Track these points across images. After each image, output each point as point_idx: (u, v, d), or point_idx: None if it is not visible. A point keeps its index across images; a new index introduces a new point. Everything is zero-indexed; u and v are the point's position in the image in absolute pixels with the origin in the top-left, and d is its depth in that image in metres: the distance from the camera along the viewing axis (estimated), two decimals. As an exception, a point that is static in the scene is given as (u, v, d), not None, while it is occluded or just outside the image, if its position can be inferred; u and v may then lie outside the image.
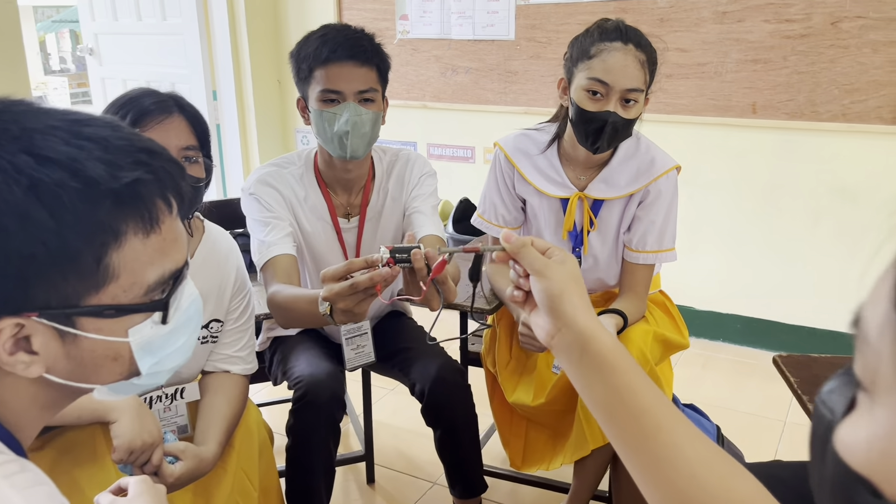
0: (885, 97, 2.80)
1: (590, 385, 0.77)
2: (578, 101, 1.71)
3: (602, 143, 1.72)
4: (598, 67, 1.67)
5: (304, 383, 1.67)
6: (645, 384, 0.75)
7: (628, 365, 0.76)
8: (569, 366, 0.79)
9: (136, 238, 0.67)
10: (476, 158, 3.69)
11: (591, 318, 0.79)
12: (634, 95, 1.68)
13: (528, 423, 2.08)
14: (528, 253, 0.81)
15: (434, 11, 3.60)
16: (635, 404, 0.74)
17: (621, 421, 0.75)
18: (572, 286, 0.80)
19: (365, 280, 1.10)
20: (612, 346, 0.77)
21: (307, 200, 1.80)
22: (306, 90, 1.71)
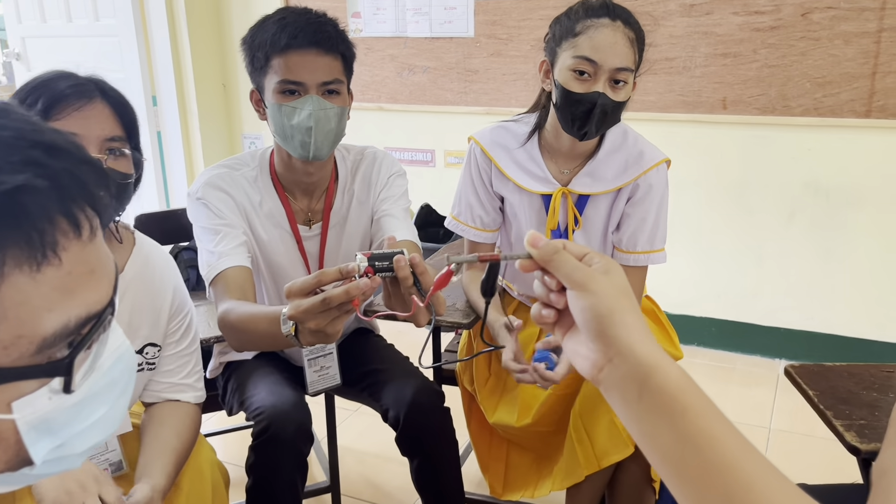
0: (858, 90, 2.73)
1: (653, 432, 0.60)
2: (564, 83, 1.55)
3: (590, 128, 1.57)
4: (586, 45, 1.52)
5: (265, 415, 1.47)
6: (727, 430, 0.58)
7: (704, 404, 0.59)
8: (623, 406, 0.62)
9: (19, 273, 0.47)
10: (436, 162, 3.52)
11: (652, 345, 0.62)
12: (624, 76, 1.53)
13: (510, 446, 1.91)
14: (564, 261, 0.64)
15: (388, 8, 3.42)
16: (717, 457, 0.56)
17: (697, 479, 0.57)
18: (624, 303, 0.63)
19: (339, 294, 0.92)
20: (681, 381, 0.60)
21: (263, 206, 1.60)
22: (262, 81, 1.51)
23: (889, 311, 2.89)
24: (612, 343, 0.61)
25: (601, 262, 0.65)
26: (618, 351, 0.61)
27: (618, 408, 0.63)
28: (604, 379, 0.63)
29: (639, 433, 0.61)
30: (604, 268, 0.64)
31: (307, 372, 1.67)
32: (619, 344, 0.61)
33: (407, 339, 2.02)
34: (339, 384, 1.72)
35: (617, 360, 0.62)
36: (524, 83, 3.22)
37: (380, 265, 0.95)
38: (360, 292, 0.93)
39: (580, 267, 0.64)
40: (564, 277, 0.64)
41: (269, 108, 1.51)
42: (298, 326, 1.01)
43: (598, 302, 0.62)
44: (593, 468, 1.57)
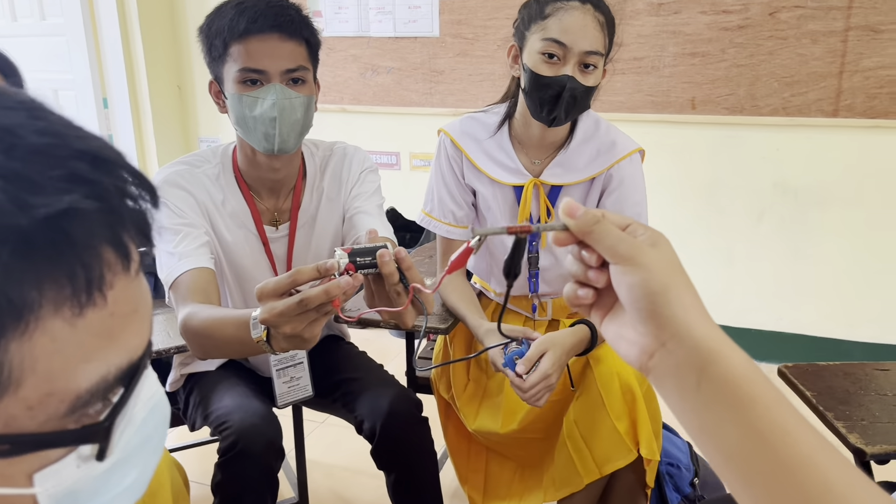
0: (825, 89, 2.73)
1: (715, 426, 0.52)
2: (533, 66, 1.50)
3: (559, 113, 1.52)
4: (555, 27, 1.47)
5: (233, 430, 1.36)
6: (801, 423, 0.50)
7: (774, 395, 0.51)
8: (679, 398, 0.54)
9: (57, 318, 0.37)
10: (401, 164, 3.43)
11: (712, 327, 0.54)
12: (594, 60, 1.49)
13: (489, 455, 1.83)
14: (607, 231, 0.56)
15: (350, 7, 3.33)
16: (791, 453, 0.49)
17: (769, 479, 0.49)
18: (679, 278, 0.55)
19: (318, 294, 0.83)
20: (748, 368, 0.52)
21: (226, 205, 1.49)
22: (220, 71, 1.41)
23: (857, 310, 2.90)
24: (667, 324, 0.53)
25: (646, 232, 0.57)
26: (673, 333, 0.53)
27: (671, 399, 0.55)
28: (655, 366, 0.55)
29: (697, 428, 0.53)
30: (651, 239, 0.56)
31: (276, 383, 1.57)
32: (675, 325, 0.53)
33: (375, 346, 1.93)
34: (310, 395, 1.62)
35: (672, 343, 0.54)
36: (491, 84, 3.16)
37: (362, 261, 0.86)
38: (340, 291, 0.84)
39: (626, 238, 0.56)
40: (607, 250, 0.56)
41: (230, 98, 1.41)
42: (271, 331, 0.91)
43: (650, 277, 0.54)
44: (594, 476, 1.50)
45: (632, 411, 1.51)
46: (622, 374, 1.52)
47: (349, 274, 0.85)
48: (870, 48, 2.64)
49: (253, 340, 0.94)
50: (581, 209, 0.57)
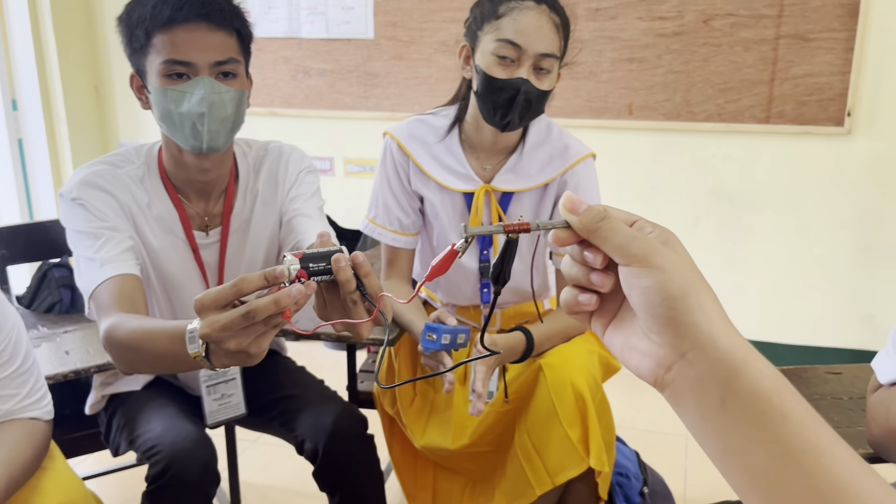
0: (758, 96, 2.77)
1: (742, 447, 0.45)
2: (486, 68, 1.44)
3: (513, 117, 1.46)
4: (509, 28, 1.41)
5: (163, 455, 1.24)
6: (836, 442, 0.44)
7: (805, 410, 0.45)
8: (699, 416, 0.47)
9: None
10: (335, 170, 3.32)
11: (737, 336, 0.48)
12: (549, 63, 1.44)
13: (437, 470, 1.75)
14: (615, 229, 0.49)
15: (280, 7, 3.21)
16: (827, 477, 0.43)
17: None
18: (699, 281, 0.49)
19: (267, 305, 0.74)
20: (777, 382, 0.46)
21: (151, 209, 1.37)
22: (143, 63, 1.29)
23: (790, 314, 2.95)
24: (688, 333, 0.47)
25: (655, 229, 0.51)
26: (695, 343, 0.47)
27: (691, 417, 0.48)
28: (673, 380, 0.48)
29: (720, 450, 0.46)
30: (663, 237, 0.50)
31: (205, 400, 1.45)
32: (697, 334, 0.47)
33: (307, 358, 1.83)
34: (243, 414, 1.50)
35: (693, 354, 0.47)
36: (428, 88, 3.09)
37: (315, 267, 0.77)
38: (292, 301, 0.74)
39: (638, 236, 0.49)
40: (617, 250, 0.49)
41: (153, 93, 1.29)
42: (212, 346, 0.81)
43: (668, 280, 0.48)
44: (546, 487, 1.45)
45: (584, 420, 1.46)
46: (575, 383, 1.46)
47: (301, 281, 0.76)
48: (799, 56, 2.69)
49: (189, 355, 0.84)
50: (584, 204, 0.50)
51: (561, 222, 0.51)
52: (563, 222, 0.51)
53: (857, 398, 1.34)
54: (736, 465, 0.46)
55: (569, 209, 0.51)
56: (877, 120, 2.69)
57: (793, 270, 2.91)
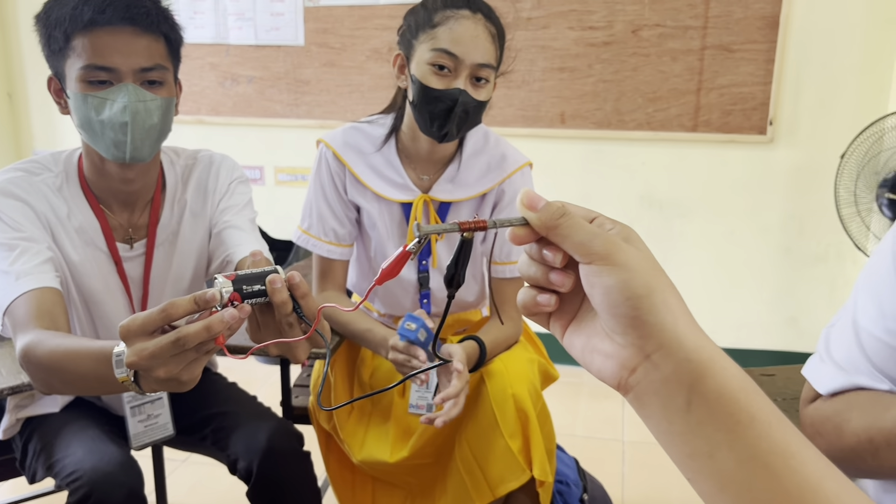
0: (685, 105, 2.83)
1: (709, 451, 0.44)
2: (422, 78, 1.41)
3: (451, 128, 1.44)
4: (445, 37, 1.39)
5: (84, 480, 1.17)
6: (803, 443, 0.44)
7: (772, 411, 0.44)
8: (665, 419, 0.46)
9: None
10: (265, 179, 3.24)
11: (703, 336, 0.46)
12: (486, 73, 1.42)
13: (375, 485, 1.71)
14: (576, 226, 0.47)
15: (207, 12, 3.12)
16: (795, 480, 0.42)
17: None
18: (663, 279, 0.47)
19: (198, 331, 0.70)
20: (744, 382, 0.45)
21: (71, 220, 1.29)
22: (62, 66, 1.21)
23: (719, 318, 3.02)
24: (653, 333, 0.45)
25: (615, 226, 0.49)
26: (660, 343, 0.45)
27: (655, 421, 0.46)
28: (637, 383, 0.47)
29: (686, 454, 0.45)
30: (624, 234, 0.48)
31: (130, 422, 1.37)
32: (663, 334, 0.45)
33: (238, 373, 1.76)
34: (171, 435, 1.43)
35: (658, 355, 0.45)
36: (360, 95, 3.05)
37: (248, 289, 0.72)
38: (225, 326, 0.70)
39: (599, 233, 0.47)
40: (577, 248, 0.47)
41: (73, 98, 1.21)
42: (140, 372, 0.76)
43: (632, 278, 0.45)
44: (487, 499, 1.42)
45: (525, 430, 1.45)
46: (517, 393, 1.45)
47: (234, 305, 0.71)
48: (724, 66, 2.76)
49: (115, 378, 0.78)
50: (543, 200, 0.48)
51: (519, 219, 0.49)
52: (521, 219, 0.49)
53: (791, 399, 1.36)
54: (703, 469, 0.44)
55: (527, 206, 0.49)
56: (797, 129, 2.79)
57: (720, 275, 2.99)
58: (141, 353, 0.71)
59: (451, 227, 0.50)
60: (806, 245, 2.90)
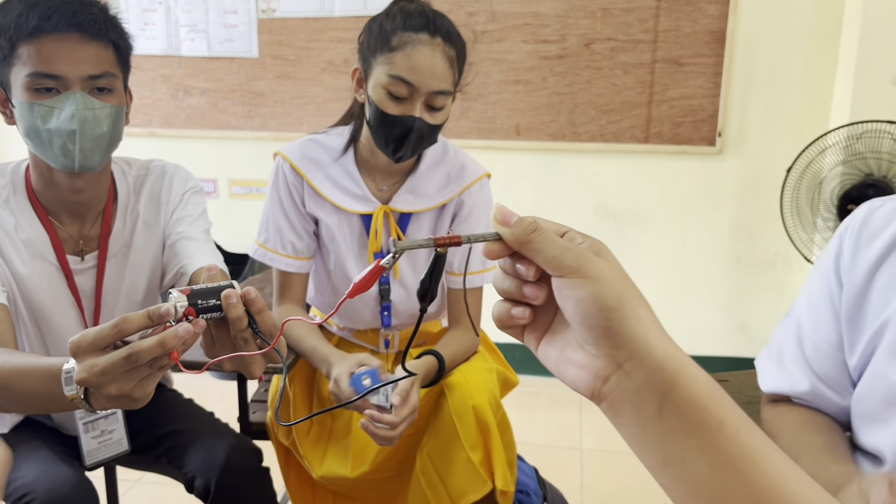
0: (637, 117, 2.89)
1: (681, 456, 0.45)
2: (378, 102, 1.41)
3: (405, 152, 1.45)
4: (402, 64, 1.38)
5: (37, 503, 1.12)
6: (770, 447, 0.45)
7: (741, 417, 0.46)
8: (638, 427, 0.47)
9: None
10: (219, 192, 3.20)
11: (673, 345, 0.48)
12: (442, 100, 1.42)
13: (336, 499, 1.69)
14: (548, 240, 0.49)
15: (158, 23, 3.07)
16: (764, 482, 0.43)
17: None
18: (633, 291, 0.49)
19: (152, 347, 0.68)
20: (713, 389, 0.46)
21: (19, 232, 1.25)
22: (6, 74, 1.19)
23: (672, 325, 3.05)
24: (625, 343, 0.47)
25: (586, 241, 0.51)
26: (632, 353, 0.47)
27: (629, 430, 0.48)
28: (610, 392, 0.48)
29: (659, 461, 0.46)
30: (594, 248, 0.50)
31: (83, 438, 1.34)
32: (634, 344, 0.47)
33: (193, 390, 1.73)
34: (126, 451, 1.39)
35: (630, 365, 0.47)
36: (315, 107, 3.04)
37: (203, 304, 0.71)
38: (179, 342, 0.69)
39: (570, 247, 0.49)
40: (550, 262, 0.49)
41: (18, 107, 1.19)
42: (91, 389, 0.74)
43: (603, 290, 0.47)
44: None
45: (486, 441, 1.45)
46: (477, 404, 1.45)
47: (188, 319, 0.70)
48: (674, 80, 2.83)
49: (65, 396, 0.76)
50: (515, 216, 0.50)
51: (492, 235, 0.50)
52: (494, 235, 0.50)
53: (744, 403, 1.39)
54: (676, 475, 0.46)
55: (500, 221, 0.50)
56: (744, 140, 2.87)
57: (674, 283, 3.04)
58: (92, 370, 0.69)
59: (427, 242, 0.51)
60: (755, 253, 2.97)
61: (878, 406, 0.89)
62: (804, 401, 1.03)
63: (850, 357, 0.93)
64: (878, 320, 0.87)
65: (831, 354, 0.97)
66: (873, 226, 0.89)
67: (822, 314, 0.95)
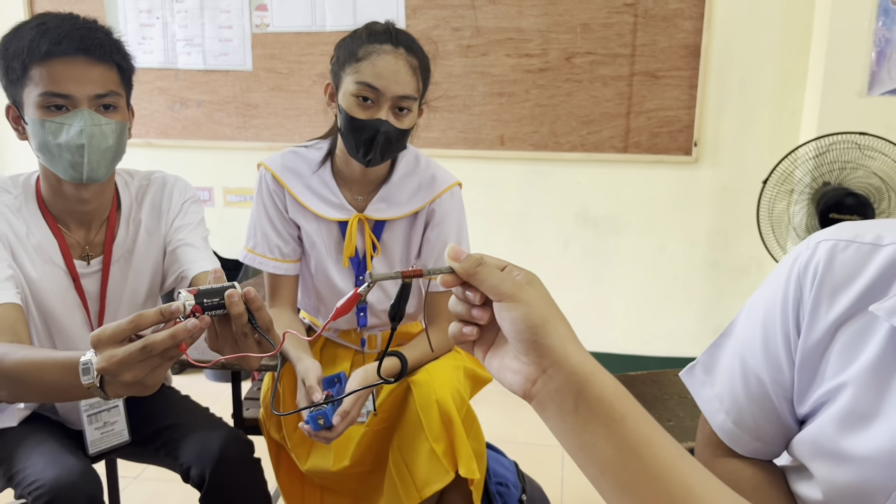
0: (616, 128, 3.01)
1: (592, 442, 0.58)
2: (347, 109, 1.53)
3: (375, 155, 1.56)
4: (368, 71, 1.50)
5: (46, 489, 1.23)
6: (664, 435, 0.57)
7: (640, 411, 0.58)
8: (559, 419, 0.59)
9: None
10: (215, 200, 3.31)
11: (585, 354, 0.61)
12: (407, 103, 1.54)
13: (323, 492, 1.79)
14: (489, 272, 0.62)
15: (156, 38, 3.18)
16: (658, 462, 0.56)
17: (640, 487, 0.56)
18: (554, 310, 0.62)
19: (164, 339, 0.80)
20: (617, 389, 0.59)
21: (30, 238, 1.36)
22: (20, 95, 1.29)
23: (651, 328, 3.19)
24: (547, 353, 0.60)
25: (521, 272, 0.63)
26: (552, 361, 0.59)
27: (552, 421, 0.60)
28: (538, 392, 0.60)
29: (576, 446, 0.58)
30: (527, 279, 0.63)
31: (87, 429, 1.44)
32: (554, 354, 0.59)
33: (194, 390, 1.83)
34: (126, 441, 1.50)
35: (551, 370, 0.59)
36: (308, 118, 3.15)
37: (209, 302, 0.83)
38: (188, 335, 0.80)
39: (507, 277, 0.62)
40: (491, 289, 0.62)
41: (31, 124, 1.30)
42: (107, 378, 0.85)
43: (531, 311, 0.60)
44: (415, 500, 1.51)
45: (449, 433, 1.53)
46: (441, 399, 1.54)
47: (195, 316, 0.81)
48: (651, 92, 2.95)
49: (80, 385, 0.87)
50: (464, 253, 0.62)
51: (447, 268, 0.63)
52: (448, 268, 0.63)
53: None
54: (588, 457, 0.58)
55: (452, 258, 0.63)
56: (719, 150, 2.98)
57: (652, 288, 3.16)
58: (111, 360, 0.80)
59: (395, 275, 0.65)
60: (730, 259, 3.09)
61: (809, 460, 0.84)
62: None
63: (799, 405, 0.85)
64: (834, 380, 0.79)
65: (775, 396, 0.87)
66: (837, 277, 0.78)
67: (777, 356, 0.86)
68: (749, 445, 0.92)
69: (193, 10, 3.14)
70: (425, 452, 1.52)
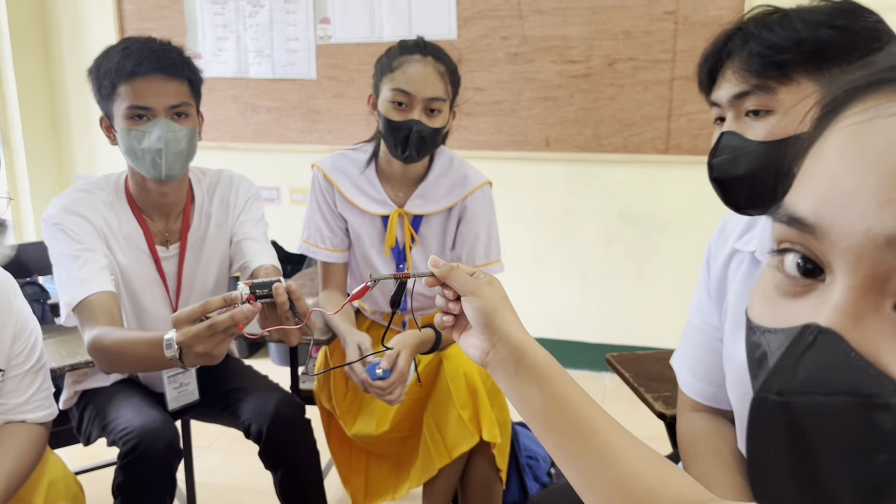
0: (657, 129, 3.14)
1: (527, 397, 0.78)
2: (385, 113, 1.75)
3: (411, 152, 1.76)
4: (400, 78, 1.72)
5: (134, 433, 1.49)
6: (579, 391, 0.77)
7: (562, 374, 0.78)
8: (505, 379, 0.80)
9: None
10: (282, 199, 3.59)
11: (524, 333, 0.81)
12: (437, 105, 1.73)
13: (369, 457, 2.02)
14: (459, 275, 0.83)
15: (230, 50, 3.49)
16: (572, 410, 0.75)
17: (559, 428, 0.75)
18: (504, 303, 0.82)
19: (225, 319, 1.07)
20: (546, 358, 0.79)
21: (121, 229, 1.63)
22: (110, 108, 1.56)
23: (693, 322, 3.29)
24: (496, 332, 0.80)
25: (485, 276, 0.85)
26: (500, 338, 0.80)
27: (501, 382, 0.80)
28: (490, 360, 0.81)
29: (517, 399, 0.79)
30: (487, 280, 0.84)
31: (167, 389, 1.70)
32: (501, 333, 0.80)
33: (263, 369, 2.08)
34: (197, 399, 1.75)
35: (499, 345, 0.80)
36: (367, 122, 3.35)
37: (260, 292, 1.09)
38: (244, 317, 1.06)
39: (470, 279, 0.83)
40: (460, 287, 0.83)
41: (119, 132, 1.56)
42: (184, 350, 1.11)
43: (486, 303, 0.81)
44: (445, 461, 1.71)
45: (475, 402, 1.74)
46: (468, 372, 1.75)
47: (250, 302, 1.08)
48: (691, 95, 3.07)
49: (164, 358, 1.15)
50: (442, 262, 0.84)
51: (429, 273, 0.85)
52: (430, 272, 0.85)
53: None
54: (525, 407, 0.78)
55: (432, 265, 0.84)
56: (758, 151, 3.07)
57: (693, 282, 3.25)
58: (187, 335, 1.07)
59: (389, 277, 0.88)
60: (770, 256, 3.17)
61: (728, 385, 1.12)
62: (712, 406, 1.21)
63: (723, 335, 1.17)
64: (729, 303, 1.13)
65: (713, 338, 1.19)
66: (726, 233, 1.21)
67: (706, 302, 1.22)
68: (705, 392, 1.21)
69: (264, 23, 3.43)
70: (454, 418, 1.72)
